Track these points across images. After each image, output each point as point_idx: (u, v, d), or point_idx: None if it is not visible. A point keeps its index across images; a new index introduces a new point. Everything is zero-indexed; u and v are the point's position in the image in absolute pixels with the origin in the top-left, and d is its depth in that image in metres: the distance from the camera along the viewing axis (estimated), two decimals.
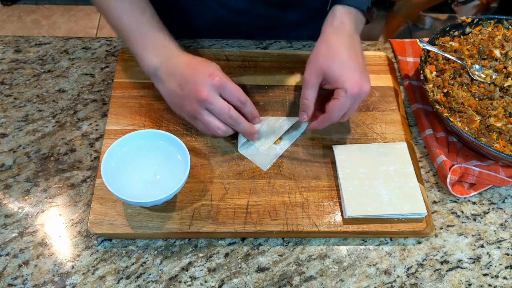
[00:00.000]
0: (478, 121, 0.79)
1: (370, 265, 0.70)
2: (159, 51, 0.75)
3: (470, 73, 0.85)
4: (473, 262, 0.71)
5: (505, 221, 0.76)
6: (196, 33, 0.95)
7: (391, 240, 0.73)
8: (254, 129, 0.76)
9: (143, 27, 0.75)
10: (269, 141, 0.79)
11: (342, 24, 0.75)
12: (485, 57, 0.88)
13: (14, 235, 0.70)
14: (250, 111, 0.75)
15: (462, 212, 0.76)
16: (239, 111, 0.75)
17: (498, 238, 0.74)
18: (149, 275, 0.68)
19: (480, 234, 0.74)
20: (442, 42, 0.90)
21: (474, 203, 0.77)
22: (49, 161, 0.77)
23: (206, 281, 0.67)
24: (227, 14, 0.93)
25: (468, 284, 0.69)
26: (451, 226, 0.75)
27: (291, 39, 0.96)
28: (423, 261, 0.71)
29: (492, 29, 0.92)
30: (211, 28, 0.96)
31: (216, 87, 0.70)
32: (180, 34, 0.93)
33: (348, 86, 0.71)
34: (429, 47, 0.86)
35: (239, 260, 0.70)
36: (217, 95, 0.71)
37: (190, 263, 0.69)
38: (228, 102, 0.72)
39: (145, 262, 0.69)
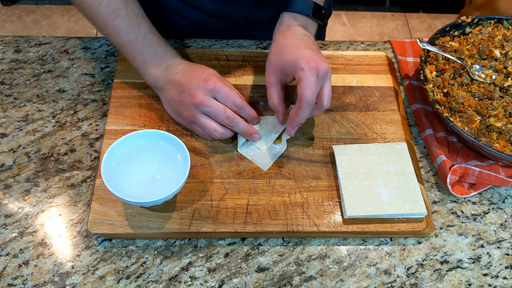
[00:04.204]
0: (478, 121, 0.79)
1: (370, 265, 0.70)
2: (158, 63, 0.76)
3: (470, 73, 0.85)
4: (473, 262, 0.71)
5: (505, 221, 0.76)
6: (180, 36, 0.96)
7: (391, 240, 0.73)
8: (253, 129, 0.76)
9: (141, 42, 0.76)
10: (269, 140, 0.79)
11: (288, 27, 0.77)
12: (485, 57, 0.88)
13: (14, 235, 0.70)
14: (248, 114, 0.76)
15: (462, 212, 0.76)
16: (238, 115, 0.75)
17: (498, 238, 0.74)
18: (149, 275, 0.68)
19: (480, 234, 0.74)
20: (442, 42, 0.90)
21: (474, 203, 0.77)
22: (49, 161, 0.77)
23: (206, 281, 0.67)
24: (201, 16, 0.94)
25: (468, 284, 0.69)
26: (451, 226, 0.75)
27: (267, 38, 0.96)
28: (423, 261, 0.71)
29: (492, 29, 0.92)
30: (189, 31, 0.97)
31: (209, 90, 0.71)
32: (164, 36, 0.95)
33: (304, 63, 0.69)
34: (429, 47, 0.86)
35: (239, 260, 0.70)
36: (212, 98, 0.72)
37: (190, 263, 0.69)
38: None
39: (145, 262, 0.69)
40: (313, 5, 0.77)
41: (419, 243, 0.73)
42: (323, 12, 0.80)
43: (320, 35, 1.10)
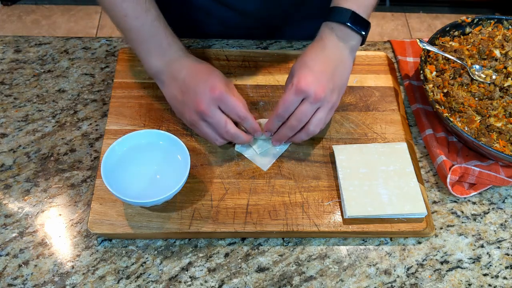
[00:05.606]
0: (478, 121, 0.79)
1: (370, 265, 0.70)
2: (162, 54, 0.74)
3: (470, 73, 0.85)
4: (473, 262, 0.71)
5: (505, 221, 0.76)
6: (204, 35, 0.96)
7: (391, 240, 0.73)
8: (251, 137, 0.76)
9: (147, 29, 0.73)
10: (267, 144, 0.78)
11: (321, 38, 0.75)
12: (485, 57, 0.88)
13: (14, 235, 0.70)
14: (251, 126, 0.74)
15: (462, 212, 0.76)
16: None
17: (498, 238, 0.74)
18: (149, 275, 0.68)
19: (480, 234, 0.74)
20: (442, 42, 0.90)
21: (474, 203, 0.77)
22: (49, 161, 0.77)
23: (206, 281, 0.67)
24: (231, 15, 0.93)
25: (468, 284, 0.69)
26: (451, 226, 0.75)
27: (296, 38, 0.96)
28: (423, 261, 0.71)
29: (492, 29, 0.92)
30: (218, 30, 0.96)
31: (215, 100, 0.70)
32: (189, 36, 0.94)
33: (296, 81, 0.69)
34: (429, 47, 0.86)
35: (239, 260, 0.70)
36: (216, 108, 0.70)
37: (190, 263, 0.69)
38: (228, 116, 0.72)
39: (145, 262, 0.69)
40: (351, 14, 0.73)
41: (419, 243, 0.73)
42: (364, 23, 0.75)
43: None
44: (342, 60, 0.74)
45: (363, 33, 0.75)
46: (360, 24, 0.74)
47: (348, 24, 0.73)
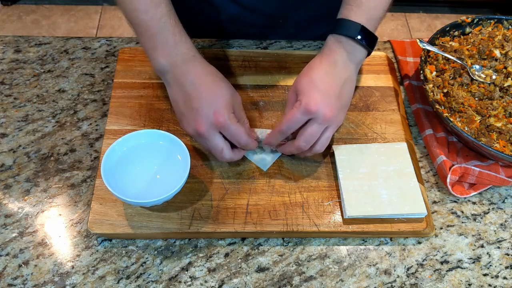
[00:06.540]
0: (478, 121, 0.79)
1: (370, 265, 0.70)
2: (168, 52, 0.72)
3: (470, 73, 0.85)
4: (473, 262, 0.71)
5: (505, 221, 0.76)
6: (210, 33, 0.95)
7: (391, 240, 0.73)
8: (243, 154, 0.76)
9: (155, 25, 0.71)
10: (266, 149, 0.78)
11: (329, 51, 0.72)
12: (485, 57, 0.88)
13: (14, 235, 0.70)
14: (250, 149, 0.74)
15: (462, 212, 0.76)
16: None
17: (498, 238, 0.74)
18: (149, 275, 0.68)
19: (480, 234, 0.74)
20: (442, 42, 0.90)
21: (474, 203, 0.77)
22: (49, 161, 0.77)
23: (206, 281, 0.67)
24: (238, 11, 0.93)
25: (468, 284, 0.69)
26: (451, 226, 0.75)
27: (304, 39, 0.96)
28: (423, 261, 0.71)
29: (492, 29, 0.92)
30: (224, 27, 0.96)
31: (216, 126, 0.69)
32: (195, 34, 0.93)
33: (305, 100, 0.68)
34: (429, 47, 0.86)
35: (239, 260, 0.70)
36: (216, 132, 0.69)
37: (190, 263, 0.69)
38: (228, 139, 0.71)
39: (145, 262, 0.69)
40: (360, 28, 0.71)
41: (419, 243, 0.73)
42: (372, 38, 0.73)
43: None
44: (350, 76, 0.73)
45: (371, 49, 0.74)
46: (368, 39, 0.73)
47: (358, 39, 0.71)
